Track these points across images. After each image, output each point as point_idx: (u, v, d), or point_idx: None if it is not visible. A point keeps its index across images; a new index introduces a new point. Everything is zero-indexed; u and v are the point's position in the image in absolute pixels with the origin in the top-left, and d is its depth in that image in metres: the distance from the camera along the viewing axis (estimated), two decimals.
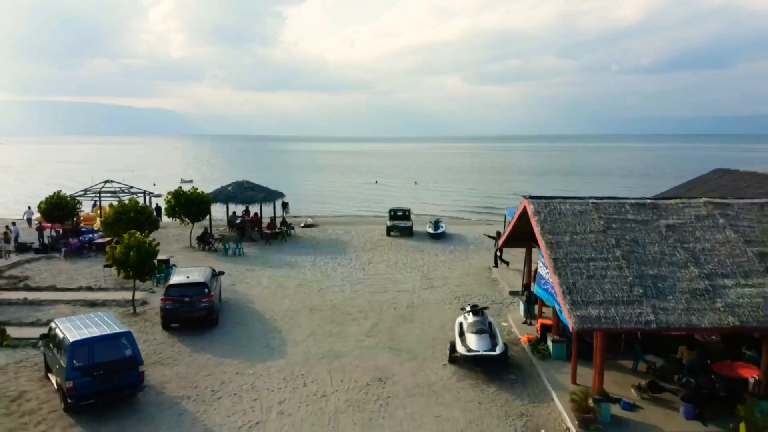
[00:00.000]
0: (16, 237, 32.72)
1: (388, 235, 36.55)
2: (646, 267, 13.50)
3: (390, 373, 16.11)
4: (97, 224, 35.67)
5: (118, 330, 14.47)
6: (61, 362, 13.81)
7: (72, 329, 14.31)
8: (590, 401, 12.76)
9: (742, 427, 12.01)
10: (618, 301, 12.62)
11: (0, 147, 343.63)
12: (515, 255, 26.24)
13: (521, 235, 18.23)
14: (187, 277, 19.69)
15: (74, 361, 13.43)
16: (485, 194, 72.64)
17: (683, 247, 14.15)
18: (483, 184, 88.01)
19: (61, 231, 33.72)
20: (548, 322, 17.31)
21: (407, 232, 36.53)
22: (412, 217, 38.69)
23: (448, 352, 16.63)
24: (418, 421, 13.55)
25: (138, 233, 20.96)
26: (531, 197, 16.31)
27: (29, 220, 40.12)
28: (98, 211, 39.43)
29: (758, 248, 14.08)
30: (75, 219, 35.54)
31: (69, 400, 13.46)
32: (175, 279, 19.72)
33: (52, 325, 15.34)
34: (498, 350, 15.64)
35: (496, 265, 27.23)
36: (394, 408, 14.13)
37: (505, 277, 25.36)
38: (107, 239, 32.68)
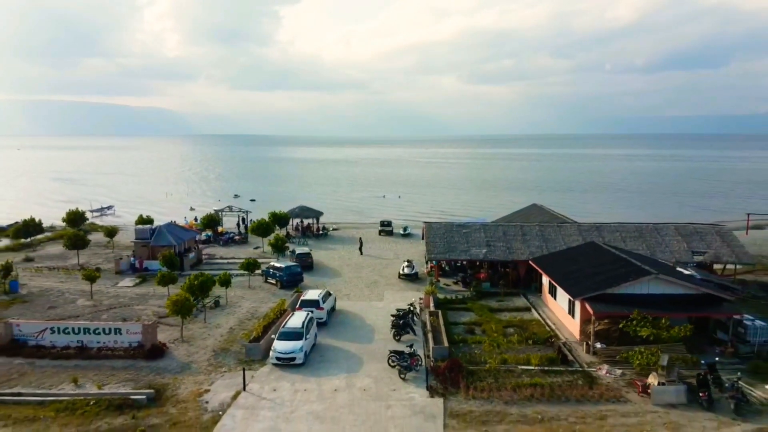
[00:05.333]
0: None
1: (379, 234, 69.26)
2: (452, 243, 46.23)
3: (378, 280, 48.73)
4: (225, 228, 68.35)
5: (294, 263, 47.25)
6: (279, 273, 46.23)
7: (281, 263, 46.92)
8: (434, 280, 45.35)
9: (474, 288, 44.44)
10: (442, 251, 45.33)
11: (19, 152, 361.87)
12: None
13: None
14: (303, 250, 52.54)
15: (286, 272, 45.92)
16: (441, 206, 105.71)
17: (466, 239, 46.79)
18: (440, 196, 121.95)
19: (212, 232, 66.31)
20: (432, 266, 50.02)
21: (390, 233, 69.29)
22: (393, 224, 71.43)
23: (397, 275, 49.30)
24: (387, 288, 46.11)
25: (279, 233, 53.58)
26: (426, 222, 49.13)
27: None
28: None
29: (487, 239, 46.73)
30: (217, 227, 67.58)
31: (283, 282, 45.85)
32: (298, 251, 52.67)
33: (271, 262, 47.94)
34: (414, 272, 48.32)
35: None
36: (380, 287, 46.63)
37: None
38: (238, 237, 65.53)
